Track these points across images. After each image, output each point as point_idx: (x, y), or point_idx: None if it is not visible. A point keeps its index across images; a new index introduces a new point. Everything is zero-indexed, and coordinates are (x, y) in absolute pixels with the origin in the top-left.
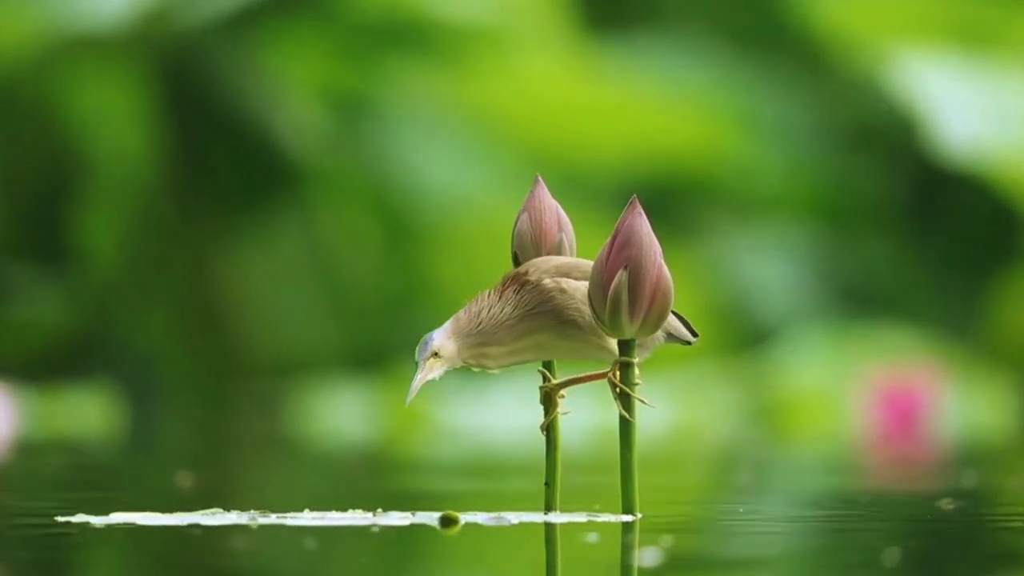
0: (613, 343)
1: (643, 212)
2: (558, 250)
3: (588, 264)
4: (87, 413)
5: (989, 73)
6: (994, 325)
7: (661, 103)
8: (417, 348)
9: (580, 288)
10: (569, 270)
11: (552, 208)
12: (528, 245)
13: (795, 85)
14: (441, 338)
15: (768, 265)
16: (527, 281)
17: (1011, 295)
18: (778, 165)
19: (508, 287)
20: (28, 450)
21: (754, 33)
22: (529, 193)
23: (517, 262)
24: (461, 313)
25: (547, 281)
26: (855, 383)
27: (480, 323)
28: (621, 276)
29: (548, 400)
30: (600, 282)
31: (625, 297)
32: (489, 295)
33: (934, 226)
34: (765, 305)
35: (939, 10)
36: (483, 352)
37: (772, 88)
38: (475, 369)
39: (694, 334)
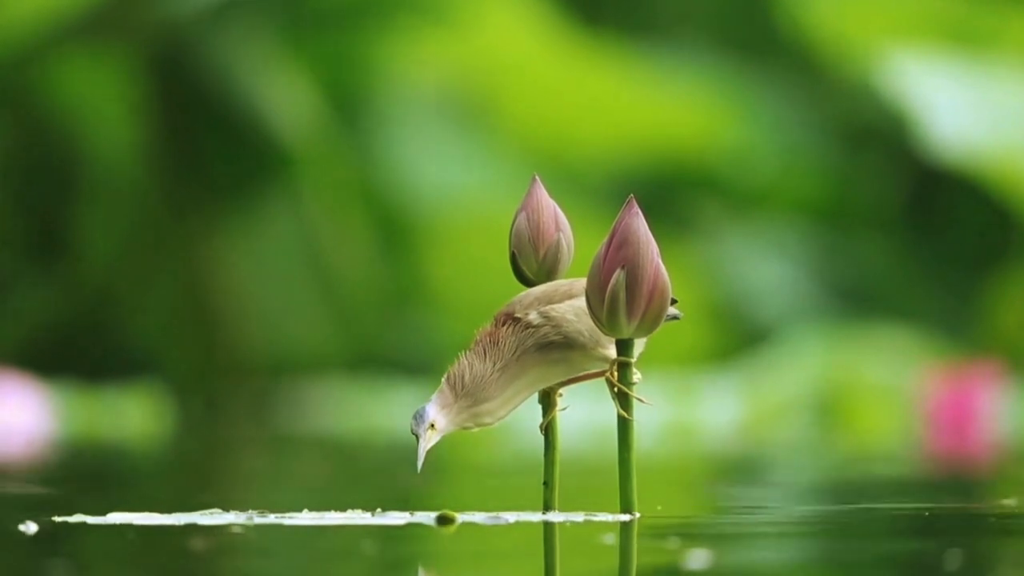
0: (610, 350)
1: (640, 212)
2: (556, 249)
3: (567, 284)
4: (126, 413)
5: (981, 73)
6: (989, 324)
7: (658, 101)
8: (412, 421)
9: (567, 307)
10: (550, 296)
11: (550, 207)
12: (526, 244)
13: (790, 86)
14: (434, 411)
15: (764, 264)
16: (516, 320)
17: (1006, 294)
18: (774, 165)
19: (488, 338)
20: (66, 448)
21: (750, 36)
22: (527, 192)
23: (515, 260)
24: (444, 384)
25: (532, 316)
26: (909, 383)
27: (465, 386)
28: (618, 276)
29: (547, 400)
30: (598, 282)
31: (623, 296)
32: (467, 354)
33: (929, 226)
34: (761, 304)
35: (931, 12)
36: (477, 412)
37: (768, 89)
38: (474, 429)
39: (672, 301)
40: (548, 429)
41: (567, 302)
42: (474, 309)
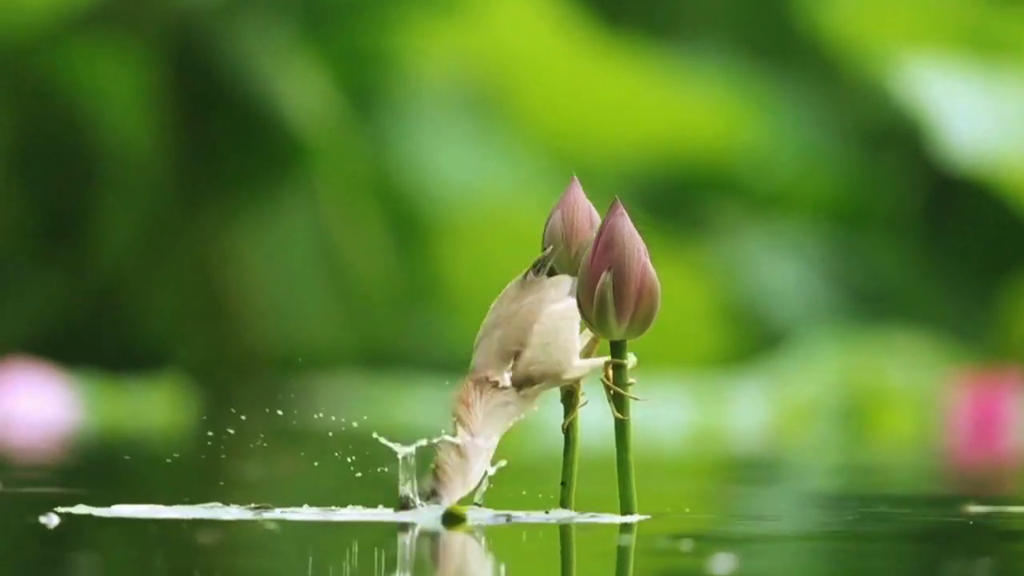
0: (578, 370)
1: (625, 212)
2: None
3: (517, 322)
4: (152, 405)
5: (997, 79)
6: (1004, 329)
7: (677, 101)
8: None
9: (534, 352)
10: (506, 348)
11: (585, 208)
12: (559, 242)
13: (809, 90)
14: (437, 487)
15: (781, 266)
16: (489, 383)
17: (1021, 300)
18: (792, 167)
19: (461, 405)
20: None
21: (769, 39)
22: (564, 191)
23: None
24: (432, 477)
25: (504, 378)
26: (932, 388)
27: (450, 471)
28: (605, 278)
29: (568, 399)
30: (586, 285)
31: (610, 298)
32: (443, 445)
33: (945, 230)
34: (777, 306)
35: (948, 17)
36: (469, 480)
37: (786, 92)
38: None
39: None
40: (569, 428)
41: (530, 347)
42: (488, 305)
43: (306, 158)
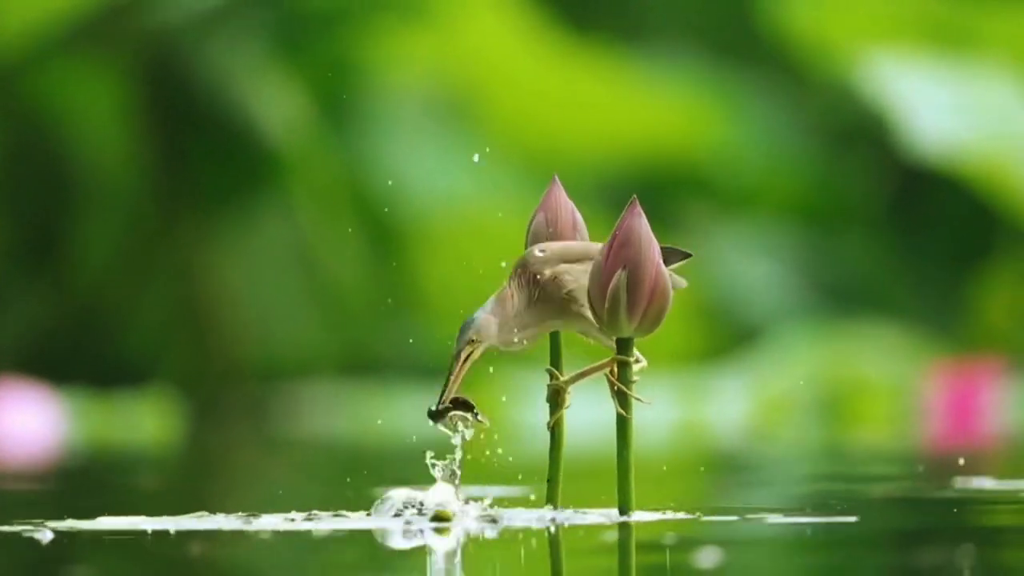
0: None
1: (642, 213)
2: None
3: (586, 246)
4: (142, 421)
5: (961, 73)
6: (974, 320)
7: (645, 103)
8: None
9: (582, 270)
10: (565, 255)
11: (568, 208)
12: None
13: (774, 89)
14: (485, 317)
15: (751, 263)
16: (527, 272)
17: (990, 290)
18: (760, 166)
19: (515, 278)
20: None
21: (733, 40)
22: (546, 192)
23: None
24: (496, 300)
25: (547, 272)
26: (908, 380)
27: (507, 310)
28: (620, 276)
29: (555, 398)
30: (599, 282)
31: (624, 297)
32: (508, 284)
33: (913, 223)
34: (749, 303)
35: (911, 13)
36: (510, 337)
37: (752, 91)
38: (501, 349)
39: (685, 255)
40: (555, 427)
41: (582, 265)
42: (465, 311)
43: (282, 170)
